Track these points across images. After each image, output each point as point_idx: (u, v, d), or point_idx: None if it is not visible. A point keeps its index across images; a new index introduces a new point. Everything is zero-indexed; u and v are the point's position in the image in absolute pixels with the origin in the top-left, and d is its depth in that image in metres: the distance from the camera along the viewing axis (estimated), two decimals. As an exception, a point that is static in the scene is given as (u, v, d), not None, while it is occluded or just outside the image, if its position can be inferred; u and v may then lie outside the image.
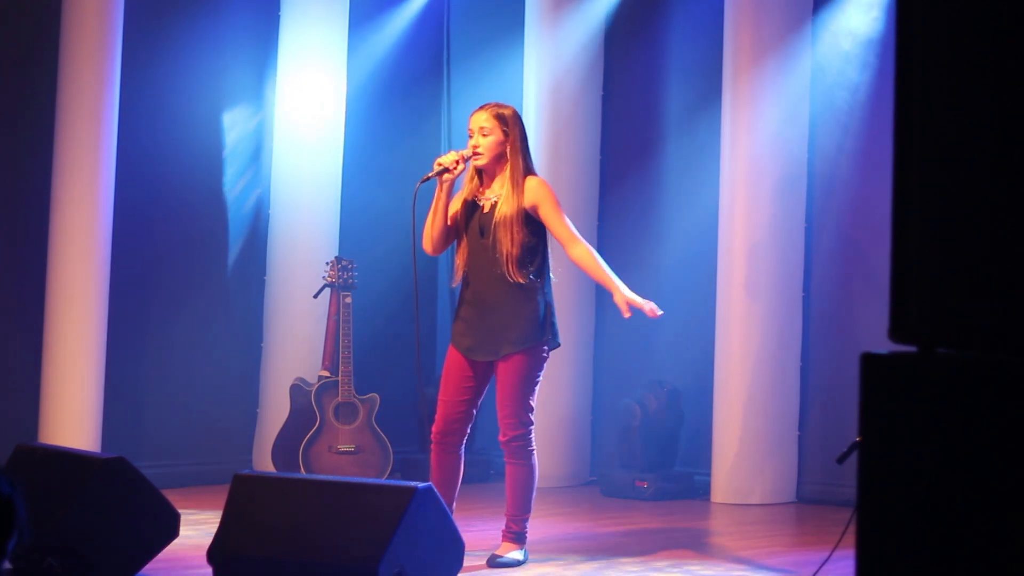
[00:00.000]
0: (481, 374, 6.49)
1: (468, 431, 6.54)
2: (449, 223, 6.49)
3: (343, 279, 8.55)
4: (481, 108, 6.52)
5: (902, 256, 2.67)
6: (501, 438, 6.44)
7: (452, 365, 6.51)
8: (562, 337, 6.60)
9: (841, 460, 8.21)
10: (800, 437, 8.57)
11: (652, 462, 8.71)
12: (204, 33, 9.00)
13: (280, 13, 9.13)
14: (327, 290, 8.63)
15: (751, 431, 8.43)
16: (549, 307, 6.46)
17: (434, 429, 6.50)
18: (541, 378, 6.46)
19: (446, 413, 6.48)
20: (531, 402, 6.43)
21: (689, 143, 9.18)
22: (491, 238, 6.38)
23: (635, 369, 9.14)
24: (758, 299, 8.45)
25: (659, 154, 9.32)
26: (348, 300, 8.52)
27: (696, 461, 8.86)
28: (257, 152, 9.23)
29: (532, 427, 6.46)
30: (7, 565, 2.88)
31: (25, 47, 8.39)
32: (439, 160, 6.44)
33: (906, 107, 2.68)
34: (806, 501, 8.48)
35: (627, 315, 6.51)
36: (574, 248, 6.46)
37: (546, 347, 6.45)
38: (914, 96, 2.67)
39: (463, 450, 6.55)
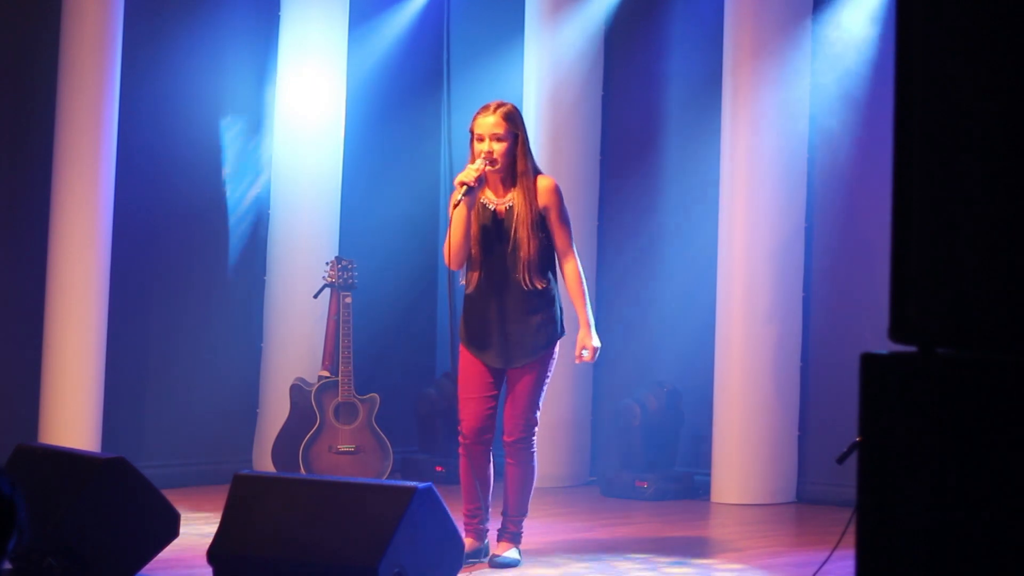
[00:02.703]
0: (498, 375, 6.44)
1: (495, 430, 6.49)
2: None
3: (343, 279, 8.55)
4: (488, 110, 6.29)
5: (902, 256, 2.67)
6: (507, 437, 6.39)
7: (472, 368, 6.39)
8: (563, 338, 6.58)
9: (841, 460, 8.20)
10: (800, 437, 8.57)
11: (652, 462, 8.71)
12: (204, 33, 8.99)
13: (280, 13, 9.13)
14: (327, 290, 8.63)
15: (751, 431, 8.43)
16: (561, 308, 6.44)
17: (465, 432, 6.40)
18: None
19: (477, 414, 6.36)
20: (540, 403, 6.41)
21: (689, 143, 9.18)
22: (510, 244, 6.27)
23: (635, 369, 9.14)
24: (758, 299, 8.45)
25: (659, 154, 9.32)
26: (348, 300, 8.52)
27: (696, 461, 8.86)
28: (257, 152, 9.23)
29: (537, 428, 6.44)
30: (7, 565, 2.88)
31: (25, 46, 8.38)
32: (462, 179, 6.20)
33: (906, 108, 2.68)
34: (806, 501, 8.48)
35: (579, 360, 6.43)
36: (568, 262, 6.35)
37: (557, 347, 6.44)
38: (915, 97, 2.67)
39: (491, 450, 6.51)
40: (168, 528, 5.98)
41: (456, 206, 6.22)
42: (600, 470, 9.07)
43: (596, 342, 6.42)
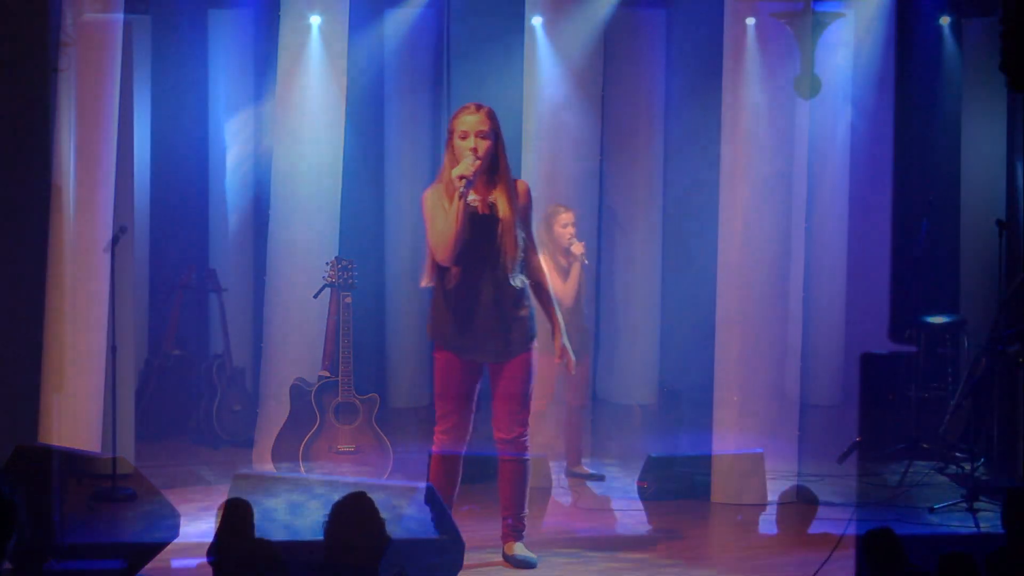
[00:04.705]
0: (476, 373, 6.47)
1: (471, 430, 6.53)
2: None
3: (343, 279, 8.55)
4: (472, 109, 6.40)
5: (902, 257, 2.68)
6: (505, 435, 6.41)
7: (450, 368, 6.45)
8: (563, 338, 6.60)
9: (841, 460, 8.21)
10: (800, 437, 8.57)
11: (652, 462, 8.71)
12: (204, 33, 9.00)
13: (280, 13, 9.13)
14: (327, 290, 8.63)
15: (751, 431, 8.43)
16: (532, 306, 6.50)
17: (439, 431, 6.46)
18: None
19: (458, 415, 6.44)
20: (531, 400, 6.46)
21: (689, 143, 9.19)
22: (497, 241, 6.33)
23: (635, 369, 9.15)
24: (758, 299, 8.45)
25: (659, 154, 9.32)
26: (348, 300, 8.52)
27: (696, 461, 8.86)
28: (257, 152, 9.23)
29: (528, 425, 6.48)
30: (7, 565, 2.88)
31: (24, 44, 8.38)
32: (461, 173, 6.26)
33: (906, 114, 2.70)
34: (806, 501, 8.48)
35: (558, 361, 6.45)
36: (536, 257, 6.50)
37: (536, 343, 6.48)
38: (915, 106, 2.68)
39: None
40: (169, 528, 5.99)
41: (463, 198, 6.24)
42: (600, 470, 9.08)
43: (568, 344, 6.52)
